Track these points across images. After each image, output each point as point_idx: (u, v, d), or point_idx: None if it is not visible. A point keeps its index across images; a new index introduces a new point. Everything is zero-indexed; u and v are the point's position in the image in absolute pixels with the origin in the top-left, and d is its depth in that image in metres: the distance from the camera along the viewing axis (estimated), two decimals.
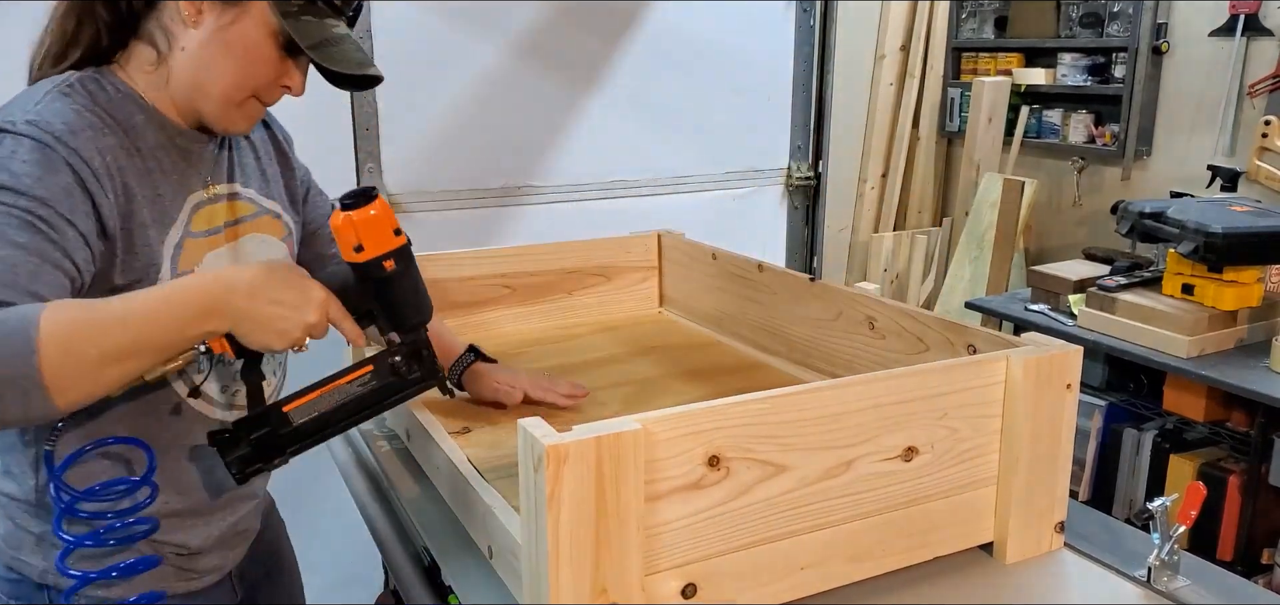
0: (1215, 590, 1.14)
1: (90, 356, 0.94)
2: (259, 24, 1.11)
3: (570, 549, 0.90)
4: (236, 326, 1.03)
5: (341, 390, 1.15)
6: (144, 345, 0.99)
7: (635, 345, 1.86)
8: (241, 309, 1.03)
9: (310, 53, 1.10)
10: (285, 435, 1.13)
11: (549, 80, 2.47)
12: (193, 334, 1.02)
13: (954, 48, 4.62)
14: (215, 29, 1.10)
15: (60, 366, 0.92)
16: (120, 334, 0.97)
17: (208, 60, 1.11)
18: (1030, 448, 1.15)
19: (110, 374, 0.97)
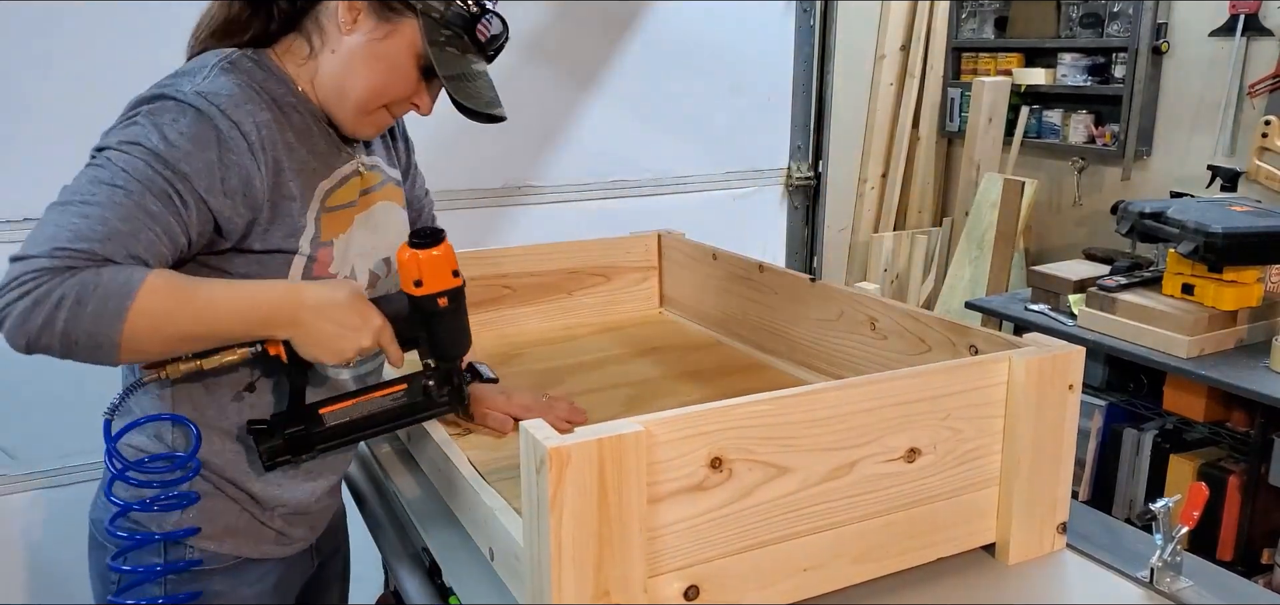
0: (1217, 591, 1.14)
1: (165, 334, 1.07)
2: (407, 44, 1.19)
3: (572, 551, 0.90)
4: (296, 336, 1.14)
5: (374, 402, 1.25)
6: (213, 335, 1.11)
7: (635, 346, 1.86)
8: (305, 322, 1.13)
9: (447, 83, 1.19)
10: (316, 435, 1.22)
11: (549, 80, 2.47)
12: (258, 335, 1.13)
13: (954, 48, 4.62)
14: (367, 39, 1.19)
15: (137, 337, 1.04)
16: (196, 323, 1.09)
17: (354, 66, 1.20)
18: (1032, 449, 1.15)
19: (174, 350, 1.10)
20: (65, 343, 1.02)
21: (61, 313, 1.00)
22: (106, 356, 1.04)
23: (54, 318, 1.00)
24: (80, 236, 1.03)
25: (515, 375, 1.70)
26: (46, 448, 2.03)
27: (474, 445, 1.39)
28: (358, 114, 1.23)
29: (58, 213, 1.05)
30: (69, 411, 2.03)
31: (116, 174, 1.07)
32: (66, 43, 1.90)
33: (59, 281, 1.01)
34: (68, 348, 1.03)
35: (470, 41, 1.22)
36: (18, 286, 1.01)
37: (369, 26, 1.19)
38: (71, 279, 1.01)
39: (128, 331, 1.03)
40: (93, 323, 1.01)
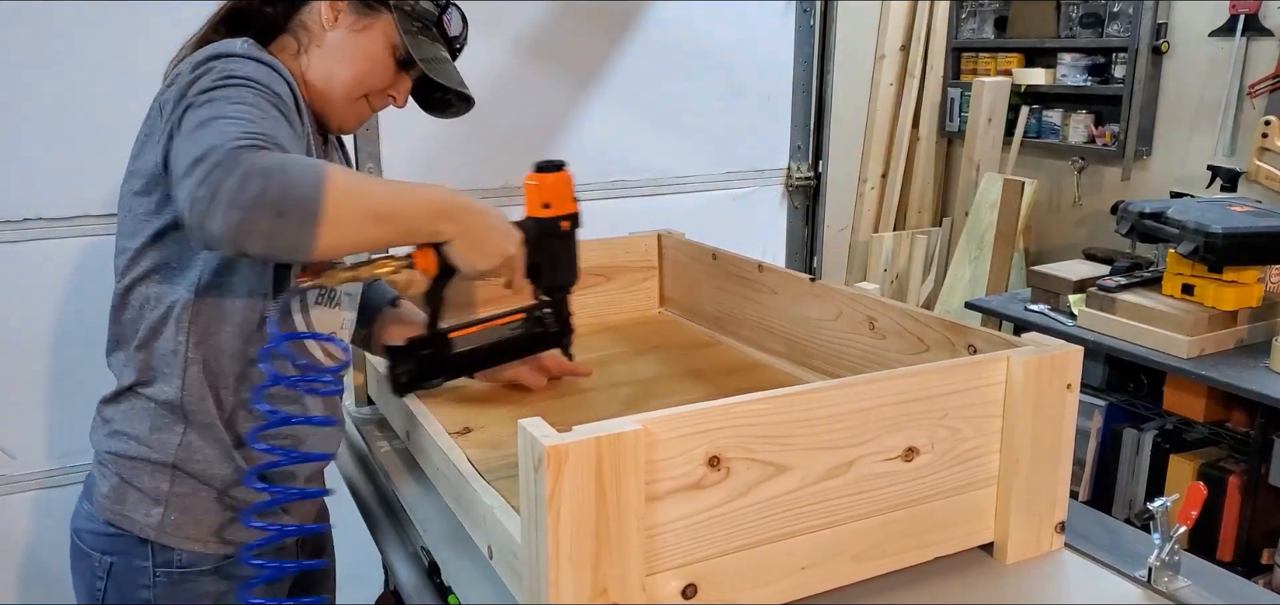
0: (1216, 591, 1.14)
1: (360, 207, 1.08)
2: (383, 36, 1.30)
3: (570, 549, 0.90)
4: (462, 235, 1.19)
5: (495, 330, 1.36)
6: (397, 214, 1.13)
7: (635, 345, 1.86)
8: (469, 223, 1.19)
9: (423, 65, 1.28)
10: (446, 359, 1.33)
11: (549, 80, 2.47)
12: (428, 228, 1.17)
13: (954, 48, 4.62)
14: (347, 32, 1.29)
15: (338, 207, 1.04)
16: (383, 199, 1.12)
17: (338, 58, 1.29)
18: (1031, 448, 1.15)
19: (366, 231, 1.10)
20: (276, 215, 1.00)
21: (271, 182, 0.99)
22: (308, 237, 1.03)
23: (265, 188, 0.99)
24: (247, 133, 1.03)
25: None
26: (46, 448, 2.03)
27: (473, 444, 1.39)
28: (344, 102, 1.31)
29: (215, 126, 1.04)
30: (69, 411, 2.03)
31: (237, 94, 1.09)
32: (67, 43, 1.90)
33: (256, 155, 1.00)
34: (275, 224, 1.00)
35: (438, 34, 1.34)
36: (217, 168, 0.99)
37: (348, 22, 1.29)
38: (264, 155, 1.01)
39: (328, 201, 1.02)
40: (301, 189, 1.01)
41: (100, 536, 1.26)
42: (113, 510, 1.24)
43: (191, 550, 1.24)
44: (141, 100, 1.78)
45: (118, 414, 1.26)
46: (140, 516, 1.23)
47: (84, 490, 1.31)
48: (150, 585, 1.23)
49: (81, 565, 1.28)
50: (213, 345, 1.22)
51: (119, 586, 1.24)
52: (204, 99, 1.09)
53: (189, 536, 1.24)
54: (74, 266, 1.98)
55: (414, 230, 1.17)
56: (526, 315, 1.36)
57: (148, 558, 1.23)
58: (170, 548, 1.23)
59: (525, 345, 1.38)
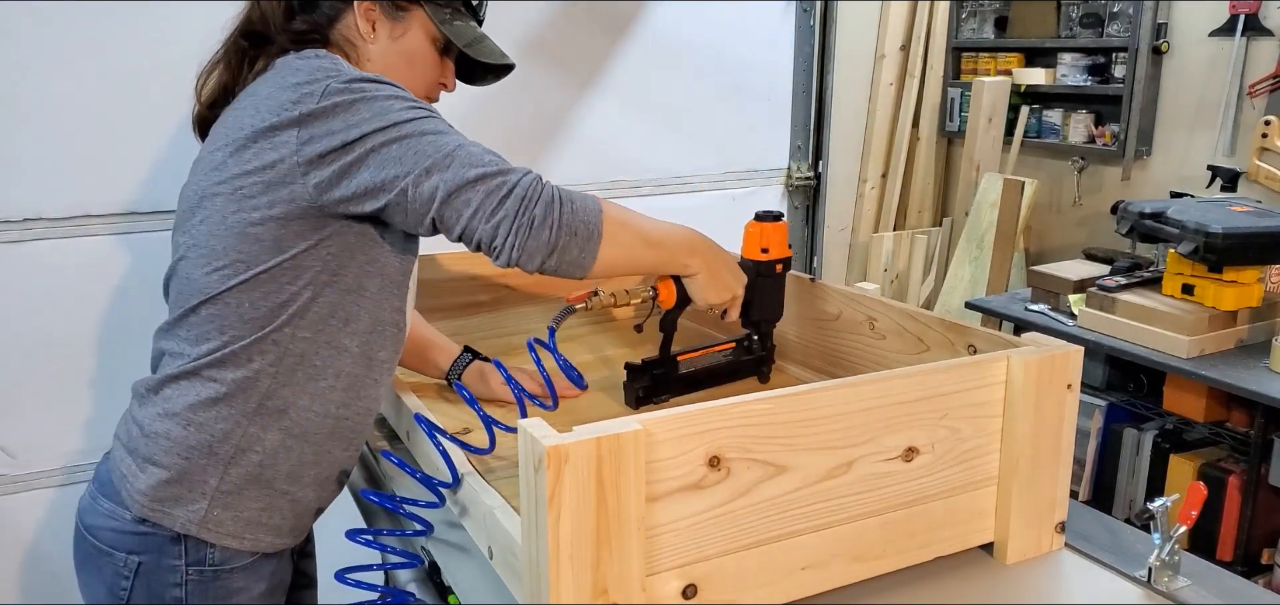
0: (1216, 591, 1.14)
1: (630, 231, 1.22)
2: (422, 31, 1.32)
3: (570, 550, 0.90)
4: (703, 270, 1.32)
5: (711, 356, 1.53)
6: (661, 243, 1.27)
7: (635, 345, 1.86)
8: (710, 260, 1.33)
9: (466, 50, 1.34)
10: (673, 378, 1.49)
11: (549, 80, 2.47)
12: (682, 260, 1.31)
13: (954, 48, 4.62)
14: (389, 40, 1.31)
15: (615, 229, 1.18)
16: (649, 228, 1.26)
17: (391, 66, 1.30)
18: (1031, 448, 1.15)
19: (635, 255, 1.24)
20: (570, 236, 1.15)
21: (566, 211, 1.14)
22: (589, 255, 1.17)
23: (561, 216, 1.14)
24: (508, 165, 1.16)
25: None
26: (46, 448, 2.03)
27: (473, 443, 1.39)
28: None
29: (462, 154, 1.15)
30: (70, 412, 2.03)
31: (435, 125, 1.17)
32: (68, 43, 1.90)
33: (545, 187, 1.14)
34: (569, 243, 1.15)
35: (466, 9, 1.37)
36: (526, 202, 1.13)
37: (386, 29, 1.30)
38: (549, 186, 1.14)
39: (607, 223, 1.17)
40: (586, 216, 1.16)
41: (127, 535, 1.23)
42: (151, 506, 1.22)
43: (227, 546, 1.23)
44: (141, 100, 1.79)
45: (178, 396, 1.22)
46: (183, 512, 1.21)
47: (100, 486, 1.28)
48: (181, 583, 1.22)
49: (99, 564, 1.25)
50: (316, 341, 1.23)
51: (147, 586, 1.22)
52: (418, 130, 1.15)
53: (226, 533, 1.23)
54: (75, 267, 1.98)
55: (671, 260, 1.31)
56: (736, 344, 1.54)
57: (181, 556, 1.22)
58: (205, 544, 1.22)
59: (734, 372, 1.54)
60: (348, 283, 1.23)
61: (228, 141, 1.21)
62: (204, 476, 1.22)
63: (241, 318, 1.20)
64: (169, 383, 1.24)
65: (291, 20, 1.28)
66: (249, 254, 1.19)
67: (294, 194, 1.16)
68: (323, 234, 1.19)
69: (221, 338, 1.21)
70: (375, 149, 1.14)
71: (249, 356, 1.21)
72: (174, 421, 1.22)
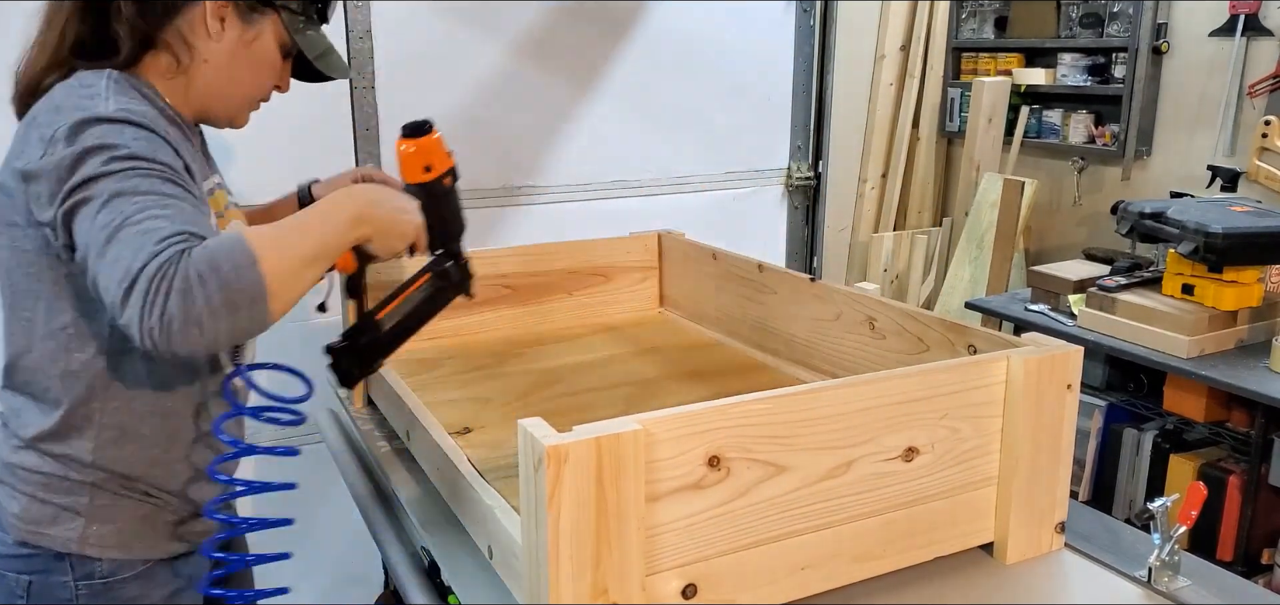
0: (1215, 591, 1.14)
1: (294, 261, 1.09)
2: (273, 36, 1.29)
3: (570, 549, 0.90)
4: (377, 230, 1.20)
5: (411, 296, 1.38)
6: (322, 249, 1.14)
7: (635, 345, 1.86)
8: (379, 216, 1.20)
9: (316, 62, 1.32)
10: (381, 340, 1.35)
11: (549, 80, 2.47)
12: (349, 239, 1.18)
13: (954, 48, 4.62)
14: (239, 41, 1.26)
15: (277, 274, 1.05)
16: (305, 242, 1.12)
17: (234, 69, 1.27)
18: (1031, 448, 1.15)
19: (306, 277, 1.12)
20: (229, 310, 1.01)
21: (210, 284, 1.00)
22: (261, 313, 1.04)
23: (209, 296, 0.99)
24: (165, 234, 1.02)
25: (516, 375, 1.70)
26: None
27: (473, 444, 1.39)
28: (242, 108, 1.33)
29: (126, 237, 1.02)
30: None
31: (133, 185, 1.06)
32: None
33: (183, 264, 1.00)
34: (230, 319, 1.02)
35: (318, 17, 1.35)
36: (152, 290, 0.98)
37: (237, 30, 1.25)
38: (187, 259, 1.00)
39: (267, 272, 1.03)
40: (241, 278, 1.02)
41: (13, 558, 1.22)
42: (28, 530, 1.21)
43: (114, 558, 1.23)
44: None
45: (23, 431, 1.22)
46: (60, 532, 1.21)
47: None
48: (72, 599, 1.22)
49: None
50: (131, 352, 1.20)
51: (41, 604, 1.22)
52: (102, 196, 1.06)
53: (111, 546, 1.22)
54: None
55: (339, 249, 1.18)
56: (432, 274, 1.40)
57: (67, 572, 1.21)
58: (91, 559, 1.22)
59: (439, 300, 1.41)
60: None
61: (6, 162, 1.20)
62: (72, 498, 1.21)
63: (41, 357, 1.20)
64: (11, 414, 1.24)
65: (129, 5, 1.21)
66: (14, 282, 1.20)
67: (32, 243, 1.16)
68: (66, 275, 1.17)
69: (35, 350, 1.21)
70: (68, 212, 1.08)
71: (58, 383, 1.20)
72: (30, 452, 1.22)
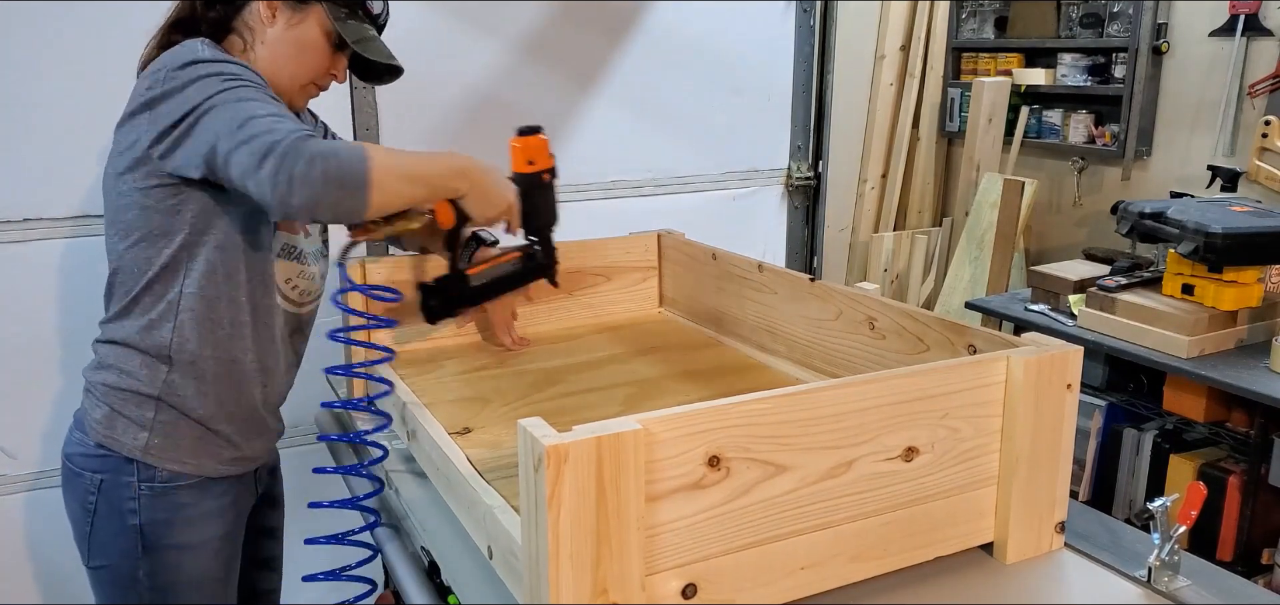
0: (1215, 590, 1.14)
1: (398, 171, 1.32)
2: (317, 25, 1.46)
3: (570, 549, 0.90)
4: (473, 190, 1.43)
5: (499, 266, 1.66)
6: (425, 176, 1.38)
7: (635, 345, 1.86)
8: (479, 180, 1.44)
9: (355, 46, 1.48)
10: (466, 291, 1.63)
11: (549, 80, 2.47)
12: (450, 185, 1.42)
13: (954, 48, 4.62)
14: (285, 28, 1.45)
15: (381, 174, 1.27)
16: (413, 164, 1.37)
17: (282, 52, 1.45)
18: (1030, 448, 1.15)
19: (404, 191, 1.34)
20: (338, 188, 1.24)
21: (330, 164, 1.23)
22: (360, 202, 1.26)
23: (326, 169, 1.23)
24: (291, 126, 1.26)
25: (516, 374, 1.70)
26: (46, 448, 2.03)
27: (473, 444, 1.39)
28: (292, 89, 1.49)
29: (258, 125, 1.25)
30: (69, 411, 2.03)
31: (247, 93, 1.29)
32: (67, 43, 1.90)
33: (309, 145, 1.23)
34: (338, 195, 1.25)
35: (364, 13, 1.51)
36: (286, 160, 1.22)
37: (285, 18, 1.45)
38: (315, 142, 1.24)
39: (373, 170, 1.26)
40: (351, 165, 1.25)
41: (91, 458, 1.44)
42: (104, 434, 1.42)
43: (170, 469, 1.43)
44: None
45: (111, 353, 1.44)
46: (129, 439, 1.42)
47: (75, 420, 1.50)
48: (135, 497, 1.42)
49: (74, 485, 1.46)
50: (204, 296, 1.40)
51: (108, 500, 1.43)
52: (225, 100, 1.28)
53: (169, 458, 1.43)
54: (74, 267, 1.98)
55: (439, 187, 1.41)
56: (522, 253, 1.65)
57: (133, 474, 1.42)
58: (152, 466, 1.42)
59: (523, 278, 1.67)
60: (219, 238, 1.40)
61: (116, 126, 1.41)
62: (140, 412, 1.42)
63: (136, 279, 1.40)
64: (102, 342, 1.46)
65: (211, 9, 1.45)
66: (129, 222, 1.39)
67: (149, 169, 1.35)
68: (180, 198, 1.36)
69: (126, 299, 1.41)
70: (194, 126, 1.30)
71: (149, 314, 1.40)
72: (108, 371, 1.44)
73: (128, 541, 1.43)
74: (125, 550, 1.44)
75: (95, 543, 1.46)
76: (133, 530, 1.43)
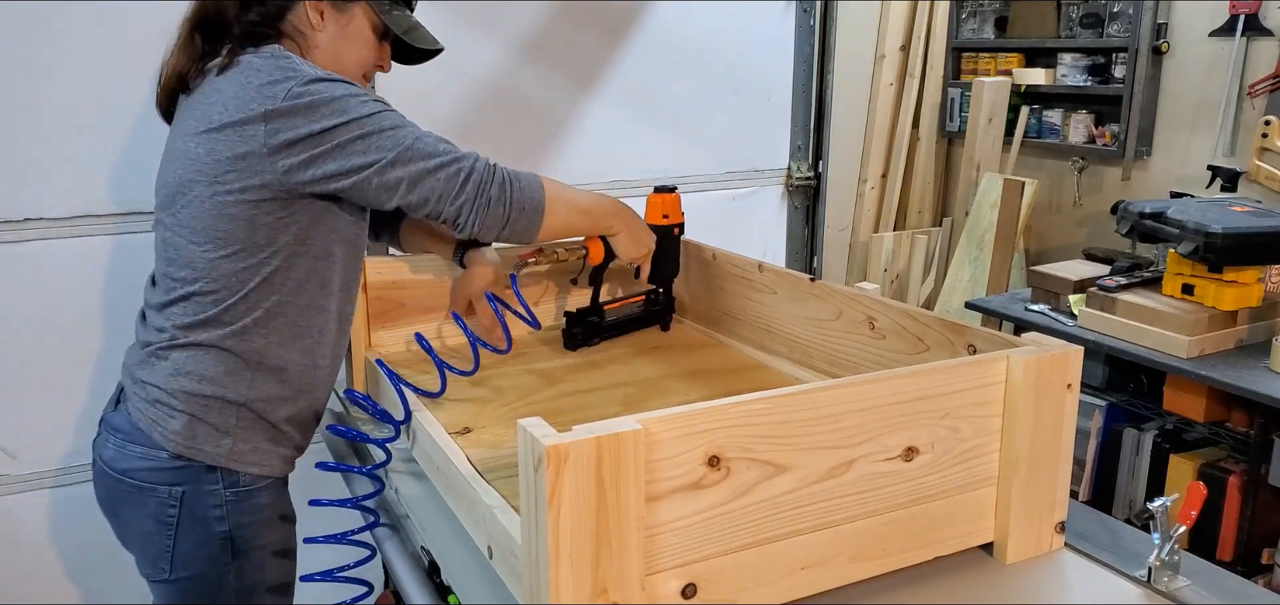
0: (1215, 590, 1.14)
1: (568, 204, 1.51)
2: (365, 19, 1.49)
3: (570, 549, 0.90)
4: (623, 231, 1.63)
5: (628, 307, 1.89)
6: (588, 210, 1.59)
7: (635, 345, 1.86)
8: (632, 222, 1.64)
9: (404, 36, 1.52)
10: (601, 325, 1.83)
11: (549, 80, 2.47)
12: (607, 224, 1.62)
13: (954, 48, 4.62)
14: (336, 29, 1.47)
15: (554, 203, 1.47)
16: (578, 197, 1.56)
17: (339, 52, 1.48)
18: (1030, 448, 1.15)
19: (572, 221, 1.54)
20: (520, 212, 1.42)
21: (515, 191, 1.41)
22: (533, 226, 1.45)
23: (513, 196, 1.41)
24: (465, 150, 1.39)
25: (516, 374, 1.70)
26: (47, 448, 2.03)
27: (473, 444, 1.39)
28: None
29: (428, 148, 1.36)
30: (69, 411, 2.03)
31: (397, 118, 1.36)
32: (68, 43, 1.90)
33: (500, 171, 1.40)
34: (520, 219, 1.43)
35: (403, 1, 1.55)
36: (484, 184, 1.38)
37: (333, 19, 1.46)
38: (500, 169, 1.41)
39: (548, 198, 1.45)
40: (532, 194, 1.43)
41: (167, 471, 1.40)
42: (185, 444, 1.39)
43: (252, 472, 1.43)
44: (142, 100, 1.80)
45: (190, 359, 1.39)
46: (211, 447, 1.40)
47: (125, 435, 1.42)
48: (221, 505, 1.41)
49: (143, 500, 1.41)
50: (298, 304, 1.41)
51: (191, 511, 1.40)
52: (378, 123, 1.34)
53: (250, 461, 1.43)
54: (74, 266, 1.98)
55: (598, 223, 1.61)
56: (645, 298, 1.88)
57: (218, 482, 1.41)
58: (236, 471, 1.42)
59: (645, 320, 1.90)
60: (317, 250, 1.41)
61: (199, 133, 1.35)
62: (222, 419, 1.40)
63: (230, 289, 1.37)
64: (176, 348, 1.40)
65: (247, 12, 1.41)
66: (228, 232, 1.35)
67: (264, 180, 1.32)
68: (289, 211, 1.36)
69: (217, 308, 1.38)
70: (342, 144, 1.32)
71: (241, 322, 1.38)
72: (187, 379, 1.39)
73: (215, 549, 1.42)
74: (213, 557, 1.42)
75: (179, 556, 1.42)
76: (220, 538, 1.41)
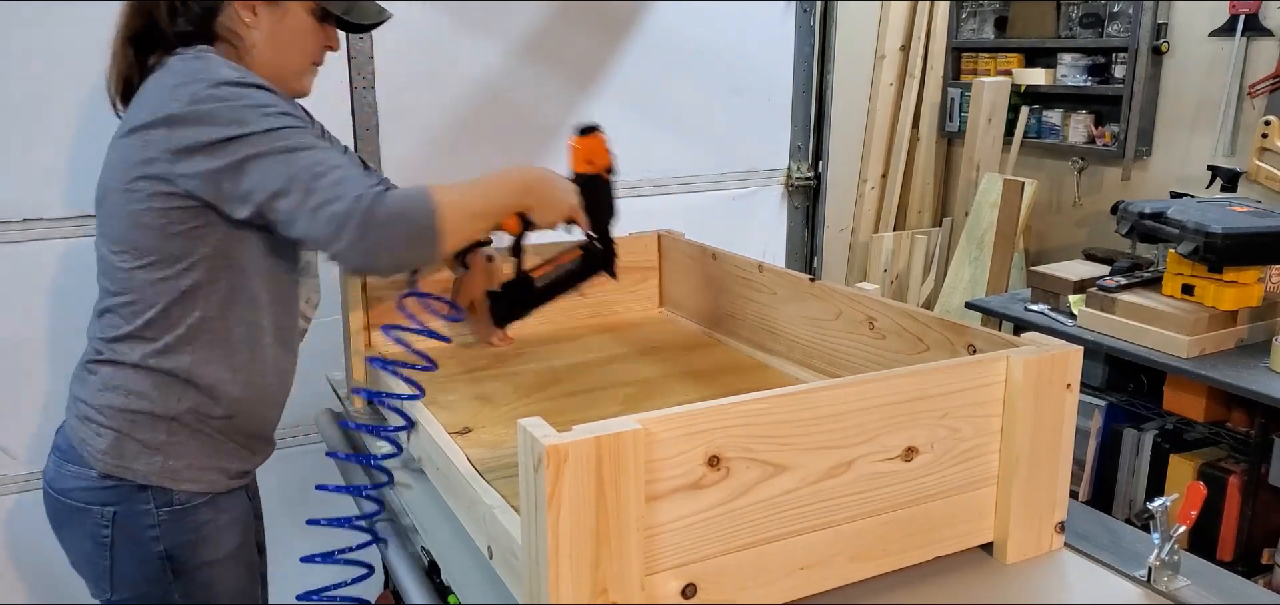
0: (1215, 590, 1.14)
1: (465, 211, 1.34)
2: (301, 9, 1.41)
3: (570, 549, 0.90)
4: (539, 201, 1.46)
5: (561, 266, 1.68)
6: (490, 208, 1.41)
7: (635, 345, 1.86)
8: (543, 190, 1.47)
9: (343, 16, 1.45)
10: (532, 293, 1.68)
11: (549, 80, 2.47)
12: (515, 204, 1.44)
13: (954, 48, 4.62)
14: (272, 23, 1.39)
15: (452, 220, 1.30)
16: (479, 197, 1.38)
17: (279, 48, 1.41)
18: (1030, 448, 1.15)
19: (472, 227, 1.38)
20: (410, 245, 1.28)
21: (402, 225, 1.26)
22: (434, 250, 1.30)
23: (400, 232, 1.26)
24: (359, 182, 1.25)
25: (516, 374, 1.70)
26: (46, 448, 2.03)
27: (473, 444, 1.39)
28: (298, 78, 1.45)
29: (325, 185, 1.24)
30: None
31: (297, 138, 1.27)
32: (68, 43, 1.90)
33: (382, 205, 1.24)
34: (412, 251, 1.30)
35: None
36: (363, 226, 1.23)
37: (267, 13, 1.39)
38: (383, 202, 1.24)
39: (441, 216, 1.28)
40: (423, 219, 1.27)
41: (97, 490, 1.36)
42: (113, 463, 1.35)
43: (186, 489, 1.38)
44: None
45: (117, 375, 1.36)
46: (141, 465, 1.35)
47: (62, 454, 1.41)
48: (155, 524, 1.37)
49: (79, 521, 1.39)
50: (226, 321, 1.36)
51: (125, 531, 1.37)
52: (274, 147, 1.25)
53: (184, 478, 1.38)
54: (74, 266, 1.98)
55: (505, 212, 1.44)
56: (581, 250, 1.68)
57: (149, 500, 1.37)
58: (169, 489, 1.37)
59: (584, 273, 1.69)
60: (243, 264, 1.36)
61: (118, 137, 1.34)
62: (152, 435, 1.36)
63: (147, 301, 1.34)
64: (103, 363, 1.38)
65: (175, 21, 1.36)
66: (141, 241, 1.32)
67: (169, 188, 1.29)
68: (205, 221, 1.31)
69: (138, 321, 1.35)
70: (241, 161, 1.25)
71: (163, 340, 1.34)
72: (115, 394, 1.36)
73: (154, 569, 1.38)
74: (153, 577, 1.39)
75: (118, 577, 1.39)
76: (158, 558, 1.38)
